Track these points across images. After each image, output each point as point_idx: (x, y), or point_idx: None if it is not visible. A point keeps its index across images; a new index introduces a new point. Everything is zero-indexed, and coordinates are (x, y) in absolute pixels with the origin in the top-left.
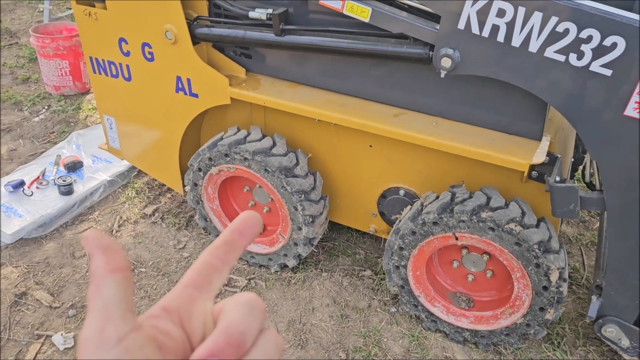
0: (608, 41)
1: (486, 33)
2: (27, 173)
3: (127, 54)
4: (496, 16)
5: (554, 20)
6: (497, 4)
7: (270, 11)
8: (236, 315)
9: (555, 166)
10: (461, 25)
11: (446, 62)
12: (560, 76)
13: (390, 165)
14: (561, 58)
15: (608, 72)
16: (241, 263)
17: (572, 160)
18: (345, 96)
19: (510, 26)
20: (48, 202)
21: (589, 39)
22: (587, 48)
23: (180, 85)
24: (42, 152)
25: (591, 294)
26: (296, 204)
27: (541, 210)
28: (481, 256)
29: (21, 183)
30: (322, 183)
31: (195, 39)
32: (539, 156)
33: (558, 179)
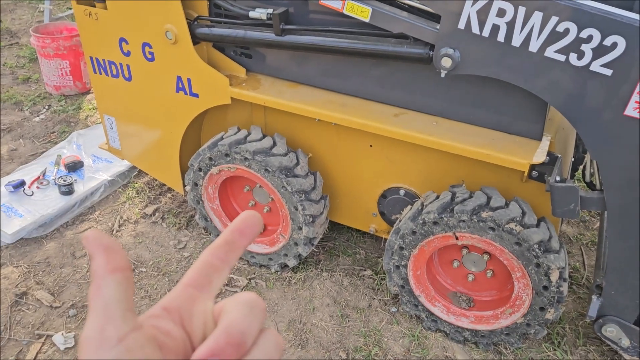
0: (608, 41)
1: (486, 33)
2: (28, 173)
3: (128, 54)
4: (496, 16)
5: (554, 20)
6: (498, 4)
7: (270, 11)
8: (237, 315)
9: (555, 166)
10: (461, 25)
11: (446, 62)
12: (560, 76)
13: (390, 165)
14: (561, 58)
15: (608, 72)
16: (241, 263)
17: (573, 160)
18: (345, 96)
19: (510, 26)
20: (48, 202)
21: (589, 39)
22: (588, 48)
23: (180, 85)
24: (43, 152)
25: (591, 294)
26: (296, 204)
27: (541, 210)
28: (481, 256)
29: (22, 183)
30: (323, 183)
31: (195, 39)
32: (539, 156)
33: (558, 179)
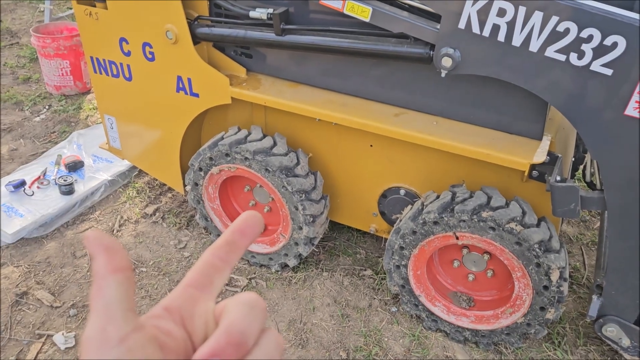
0: (608, 41)
1: (487, 32)
2: (28, 173)
3: (128, 54)
4: (497, 16)
5: (555, 19)
6: (498, 4)
7: (270, 11)
8: (238, 315)
9: (555, 166)
10: (462, 24)
11: (447, 62)
12: (560, 76)
13: (390, 164)
14: (562, 57)
15: (608, 72)
16: (242, 262)
17: (573, 159)
18: (345, 96)
19: (510, 26)
20: (49, 202)
21: (590, 39)
22: (588, 47)
23: (181, 85)
24: (43, 152)
25: (592, 294)
26: (297, 204)
27: (542, 209)
28: (482, 256)
29: (22, 183)
30: (323, 182)
31: (195, 39)
32: (540, 156)
33: (559, 179)
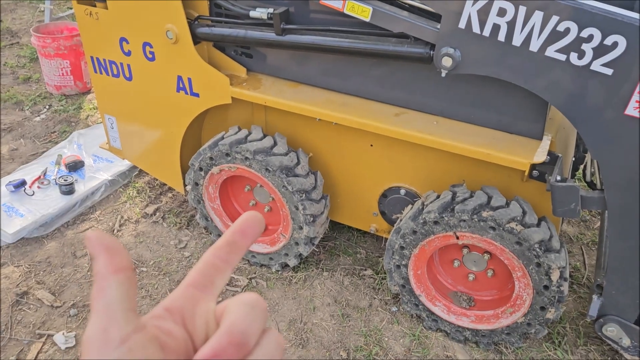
0: (609, 40)
1: (487, 32)
2: (29, 173)
3: (128, 54)
4: (497, 15)
5: (555, 19)
6: (498, 4)
7: (271, 11)
8: (239, 315)
9: (556, 165)
10: (462, 24)
11: (447, 62)
12: (561, 75)
13: (391, 164)
14: (562, 57)
15: (609, 71)
16: (242, 262)
17: (573, 159)
18: (346, 95)
19: (511, 25)
20: (49, 202)
21: (590, 38)
22: (588, 47)
23: (181, 84)
24: (44, 152)
25: (592, 293)
26: (297, 204)
27: (542, 209)
28: (482, 255)
29: (22, 183)
30: (323, 182)
31: (196, 39)
32: (540, 155)
33: (559, 178)
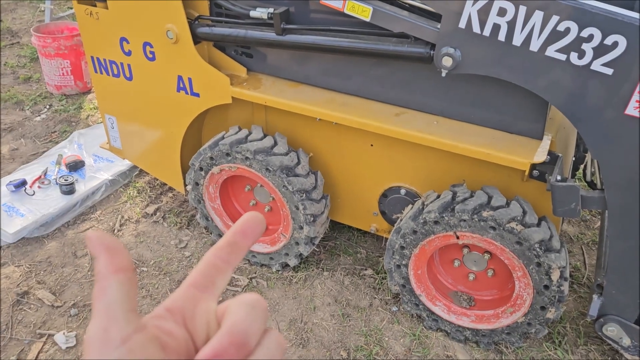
0: (609, 40)
1: (487, 32)
2: (29, 172)
3: (129, 54)
4: (497, 15)
5: (555, 19)
6: (498, 3)
7: (271, 10)
8: (240, 315)
9: (556, 165)
10: (462, 24)
11: (447, 61)
12: (561, 75)
13: (391, 164)
14: (562, 57)
15: (609, 71)
16: (243, 262)
17: (573, 159)
18: (346, 95)
19: (511, 25)
20: (50, 202)
21: (590, 38)
22: (588, 47)
23: (181, 84)
24: (44, 152)
25: (592, 293)
26: (297, 203)
27: (542, 209)
28: (482, 255)
29: (23, 182)
30: (324, 182)
31: (196, 39)
32: (540, 155)
33: (559, 178)
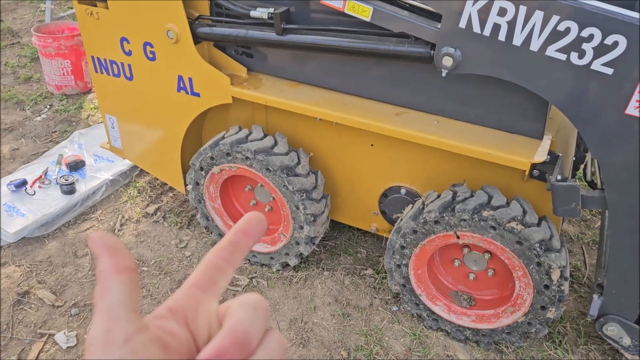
0: (609, 40)
1: (487, 32)
2: (30, 172)
3: (129, 54)
4: (497, 15)
5: (555, 19)
6: (498, 3)
7: (271, 10)
8: (241, 315)
9: (556, 165)
10: (462, 24)
11: (447, 61)
12: (561, 75)
13: (391, 164)
14: (562, 57)
15: (609, 71)
16: (243, 262)
17: (574, 158)
18: (346, 95)
19: (511, 25)
20: (50, 201)
21: (590, 38)
22: (588, 47)
23: (181, 84)
24: (44, 152)
25: (592, 293)
26: (298, 203)
27: (542, 209)
28: (482, 255)
29: (23, 182)
30: (324, 182)
31: (196, 38)
32: (541, 155)
33: (559, 178)
